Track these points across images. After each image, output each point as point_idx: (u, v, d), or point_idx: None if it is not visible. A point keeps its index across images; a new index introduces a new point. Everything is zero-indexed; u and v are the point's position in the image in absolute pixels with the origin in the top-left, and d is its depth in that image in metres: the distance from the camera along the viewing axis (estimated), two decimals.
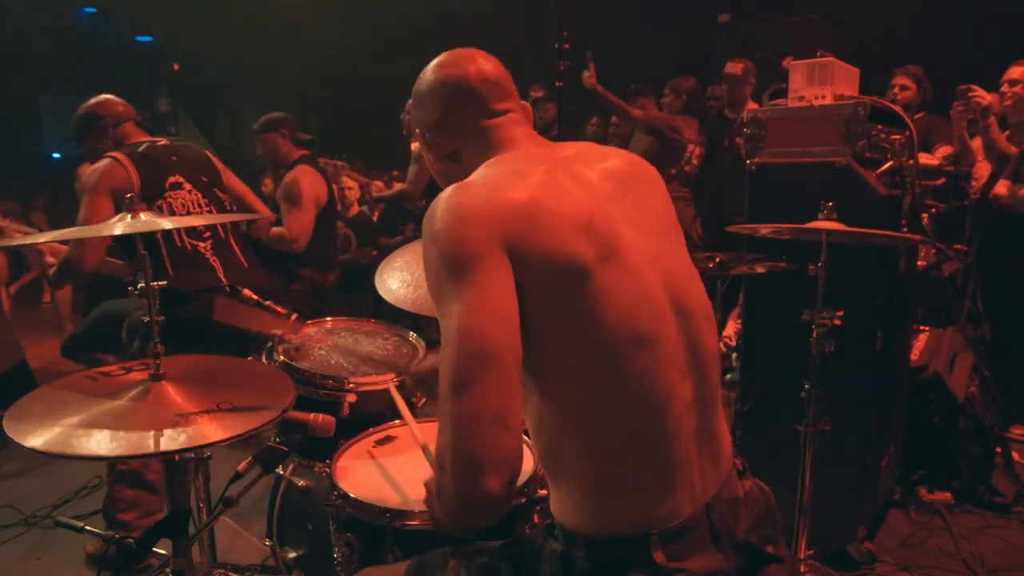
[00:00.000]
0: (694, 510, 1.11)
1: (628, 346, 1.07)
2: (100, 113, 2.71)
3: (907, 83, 4.10)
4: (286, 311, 2.11)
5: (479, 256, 1.02)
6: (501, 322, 1.00)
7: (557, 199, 1.09)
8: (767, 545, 1.18)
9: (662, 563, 1.06)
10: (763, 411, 2.67)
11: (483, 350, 0.97)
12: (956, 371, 3.18)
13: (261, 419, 1.34)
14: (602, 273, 1.06)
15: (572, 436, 1.09)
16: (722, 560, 1.12)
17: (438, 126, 1.27)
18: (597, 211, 1.11)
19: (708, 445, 1.17)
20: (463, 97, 1.24)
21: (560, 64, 3.50)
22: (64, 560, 2.72)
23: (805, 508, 2.21)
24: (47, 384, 1.45)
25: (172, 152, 2.69)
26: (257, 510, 2.77)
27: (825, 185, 2.35)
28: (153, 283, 1.49)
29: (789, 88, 2.51)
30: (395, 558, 1.51)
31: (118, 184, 2.45)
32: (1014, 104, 3.64)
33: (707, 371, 1.18)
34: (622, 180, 1.21)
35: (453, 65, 1.26)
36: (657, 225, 1.21)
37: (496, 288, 1.01)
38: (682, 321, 1.14)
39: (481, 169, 1.19)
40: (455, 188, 1.11)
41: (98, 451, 1.22)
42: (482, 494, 0.95)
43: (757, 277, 2.58)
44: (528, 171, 1.13)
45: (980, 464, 3.03)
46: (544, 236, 1.05)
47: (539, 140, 1.28)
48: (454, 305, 1.00)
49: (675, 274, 1.18)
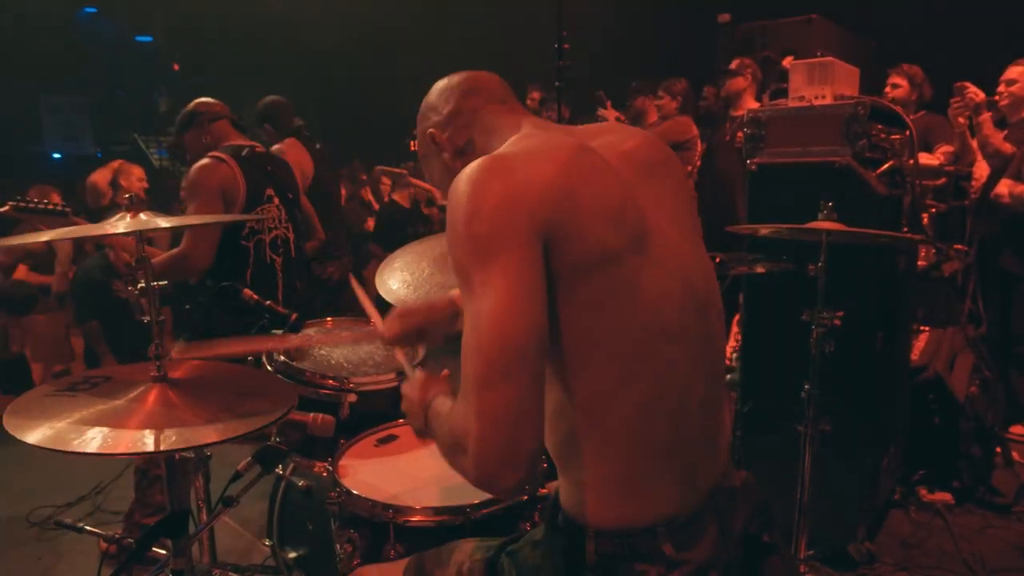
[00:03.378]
0: (699, 500, 1.12)
1: (655, 339, 1.05)
2: (199, 110, 2.80)
3: (899, 81, 4.11)
4: (286, 311, 2.10)
5: (514, 242, 0.98)
6: (533, 316, 0.97)
7: (589, 183, 1.04)
8: (763, 534, 1.19)
9: (671, 554, 1.07)
10: (763, 411, 2.67)
11: (514, 347, 0.95)
12: (956, 371, 3.18)
13: (262, 421, 1.34)
14: (631, 263, 1.03)
15: (590, 430, 1.07)
16: (723, 549, 1.12)
17: (450, 119, 1.26)
18: (627, 198, 1.07)
19: (714, 438, 1.17)
20: (475, 90, 1.27)
21: (560, 64, 3.50)
22: (64, 560, 2.72)
23: (805, 508, 2.21)
24: (48, 383, 1.45)
25: (268, 162, 2.81)
26: (257, 510, 2.77)
27: (825, 185, 2.35)
28: (153, 283, 1.49)
29: (789, 88, 2.51)
30: (397, 554, 1.51)
31: (227, 184, 2.56)
32: (1011, 103, 3.65)
33: (716, 365, 1.18)
34: (645, 165, 1.18)
35: (454, 75, 1.30)
36: (678, 216, 1.18)
37: (530, 278, 0.98)
38: (701, 316, 1.13)
39: (512, 142, 1.15)
40: (484, 164, 1.04)
41: (98, 449, 1.22)
42: (498, 486, 0.97)
43: (757, 277, 2.58)
44: (557, 149, 1.08)
45: (980, 464, 3.03)
46: (579, 222, 1.01)
47: (551, 123, 1.29)
48: (484, 291, 0.97)
49: (695, 267, 1.15)
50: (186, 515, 1.43)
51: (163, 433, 1.27)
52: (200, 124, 2.78)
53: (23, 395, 1.36)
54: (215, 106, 2.85)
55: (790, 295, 2.24)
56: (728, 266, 2.56)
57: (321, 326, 2.37)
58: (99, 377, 1.47)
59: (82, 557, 2.70)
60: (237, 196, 2.61)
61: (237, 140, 2.77)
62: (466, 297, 1.00)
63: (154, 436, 1.26)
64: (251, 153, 2.72)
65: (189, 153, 2.83)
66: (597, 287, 1.03)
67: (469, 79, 1.28)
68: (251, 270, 2.64)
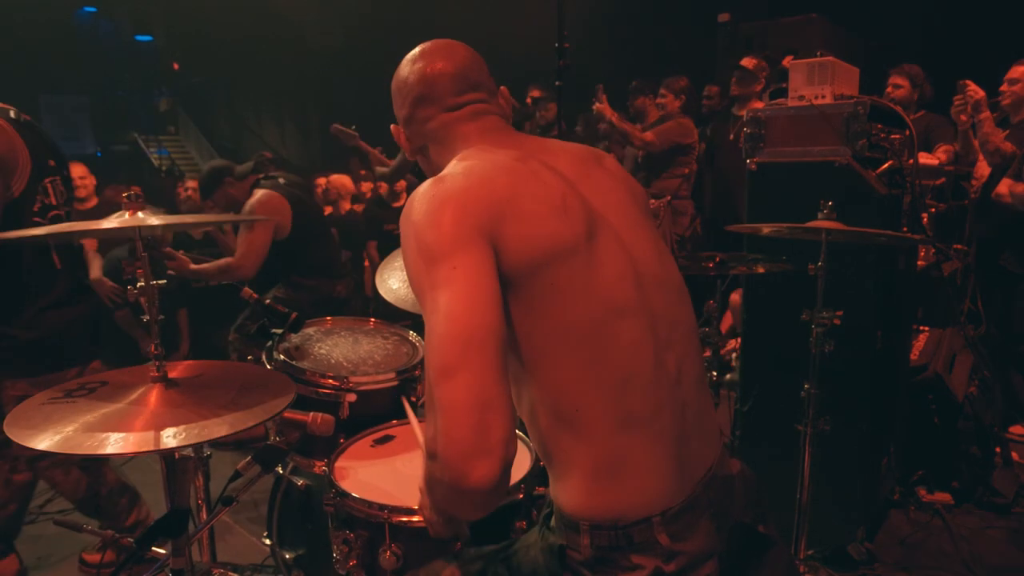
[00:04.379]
0: (693, 489, 1.12)
1: (612, 318, 1.08)
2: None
3: (900, 82, 4.12)
4: (286, 310, 2.11)
5: (459, 244, 1.02)
6: (483, 306, 0.99)
7: (530, 185, 1.11)
8: (759, 524, 1.19)
9: (667, 544, 1.07)
10: (763, 411, 2.67)
11: (467, 335, 0.96)
12: (956, 371, 3.18)
13: (269, 411, 1.35)
14: (582, 250, 1.08)
15: (567, 420, 1.08)
16: (717, 539, 1.12)
17: (406, 122, 1.32)
18: (568, 192, 1.13)
19: (700, 421, 1.18)
20: (426, 98, 1.27)
21: (560, 64, 3.50)
22: (65, 560, 2.72)
23: (805, 508, 2.21)
24: (47, 390, 1.45)
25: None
26: (257, 510, 2.77)
27: (825, 184, 2.35)
28: (153, 282, 1.49)
29: (789, 87, 2.51)
30: (393, 555, 1.51)
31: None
32: (1013, 103, 3.65)
33: (688, 344, 1.20)
34: (584, 163, 1.25)
35: (419, 60, 1.29)
36: (623, 202, 1.23)
37: (477, 275, 1.01)
38: (657, 292, 1.16)
39: (452, 164, 1.20)
40: (431, 181, 1.12)
41: (120, 449, 1.23)
42: (475, 482, 0.92)
43: (757, 277, 2.58)
44: (499, 161, 1.15)
45: (980, 464, 3.03)
46: (524, 222, 1.06)
47: (505, 132, 1.28)
48: (436, 293, 1.00)
49: (645, 248, 1.20)
50: (186, 514, 1.43)
51: (176, 429, 1.27)
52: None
53: (20, 404, 1.37)
54: None
55: (790, 295, 2.24)
56: (728, 266, 2.56)
57: (321, 326, 2.37)
58: (95, 382, 1.48)
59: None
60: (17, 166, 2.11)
61: None
62: (424, 306, 1.03)
63: (169, 433, 1.27)
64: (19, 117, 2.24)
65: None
66: (551, 279, 1.06)
67: (422, 81, 1.27)
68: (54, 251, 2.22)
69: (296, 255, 3.50)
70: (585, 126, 5.72)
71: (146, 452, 1.24)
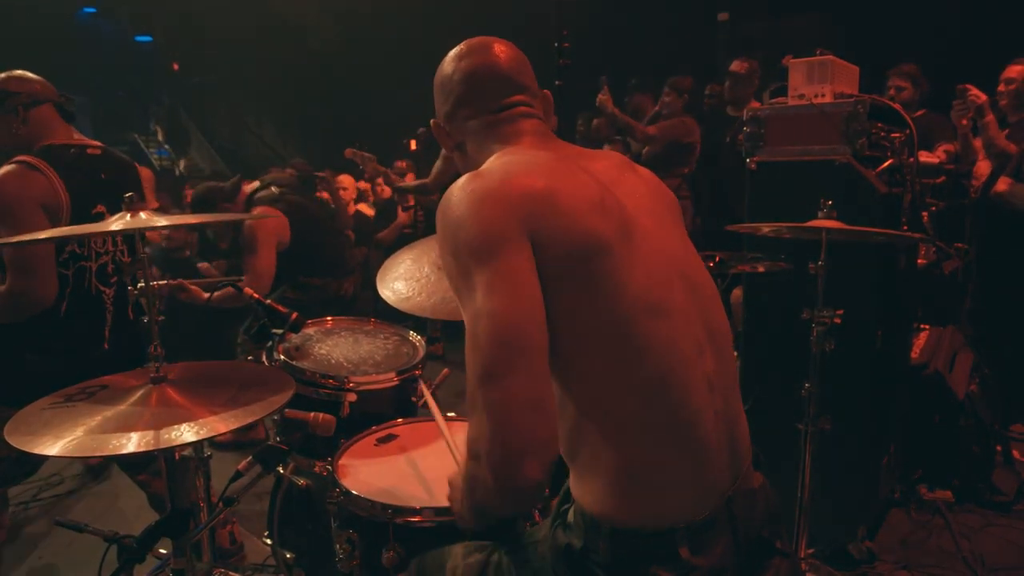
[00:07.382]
0: (718, 502, 1.10)
1: (646, 317, 1.06)
2: (12, 89, 2.20)
3: (902, 84, 4.11)
4: (286, 310, 2.10)
5: (505, 240, 1.02)
6: (530, 307, 1.00)
7: (567, 184, 1.10)
8: (776, 540, 1.18)
9: (687, 558, 1.05)
10: (763, 409, 2.66)
11: (514, 337, 0.97)
12: (956, 369, 3.18)
13: (271, 406, 1.35)
14: (617, 248, 1.07)
15: (596, 419, 1.07)
16: (733, 554, 1.10)
17: (448, 119, 1.31)
18: (606, 192, 1.13)
19: (730, 430, 1.15)
20: (468, 99, 1.27)
21: (560, 63, 3.50)
22: (64, 560, 2.72)
23: (805, 507, 2.21)
24: (50, 395, 1.45)
25: (101, 167, 2.34)
26: (257, 510, 2.77)
27: (825, 183, 2.35)
28: (153, 283, 1.49)
29: (789, 86, 2.51)
30: (396, 554, 1.51)
31: (47, 196, 2.12)
32: (1010, 102, 3.65)
33: (722, 348, 1.18)
34: (619, 169, 1.25)
35: (465, 57, 1.29)
36: (656, 208, 1.23)
37: (522, 273, 1.01)
38: (691, 294, 1.15)
39: (491, 160, 1.20)
40: (469, 176, 1.11)
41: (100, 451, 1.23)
42: (521, 481, 0.94)
43: (757, 276, 2.58)
44: (537, 160, 1.15)
45: (980, 462, 3.03)
46: (562, 217, 1.05)
47: (544, 136, 1.29)
48: (478, 293, 1.00)
49: (679, 250, 1.20)
50: (186, 515, 1.43)
51: (176, 428, 1.27)
52: (12, 109, 2.15)
53: (21, 411, 1.36)
54: (35, 84, 2.20)
55: (790, 294, 2.24)
56: (728, 265, 2.56)
57: (321, 326, 2.37)
58: (94, 387, 1.48)
59: (82, 556, 2.70)
60: (60, 212, 2.09)
61: (62, 137, 2.21)
62: (463, 303, 1.03)
63: (169, 432, 1.26)
64: (80, 154, 2.16)
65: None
66: (587, 276, 1.05)
67: (467, 80, 1.27)
68: (67, 302, 2.16)
69: (300, 258, 3.49)
70: (586, 126, 5.72)
71: (146, 452, 1.24)
